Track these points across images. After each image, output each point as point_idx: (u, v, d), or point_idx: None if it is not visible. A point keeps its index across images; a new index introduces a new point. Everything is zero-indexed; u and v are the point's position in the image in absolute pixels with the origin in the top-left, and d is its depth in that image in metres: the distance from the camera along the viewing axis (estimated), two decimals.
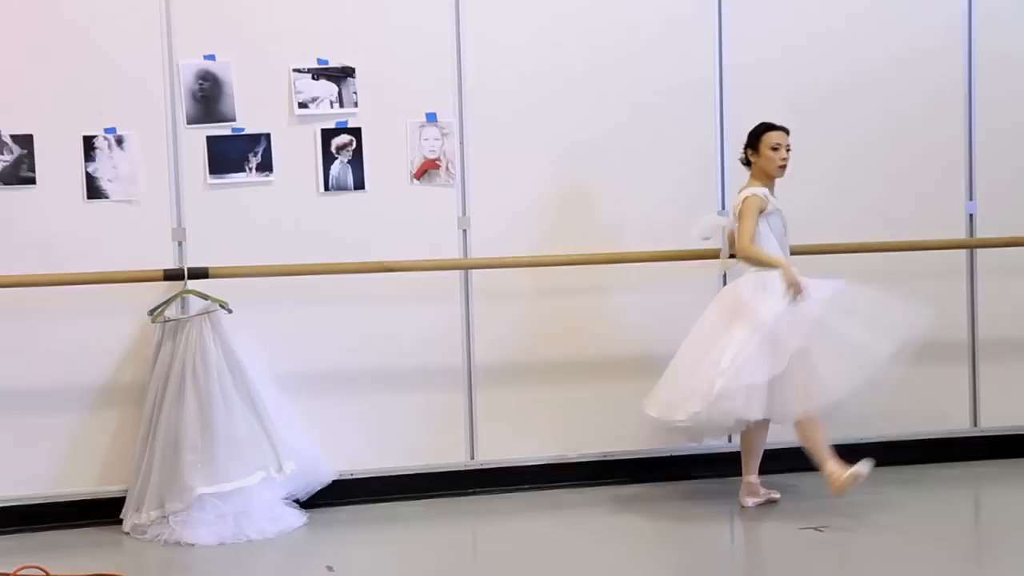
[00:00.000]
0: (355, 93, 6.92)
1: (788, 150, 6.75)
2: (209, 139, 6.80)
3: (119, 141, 6.73)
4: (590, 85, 7.17)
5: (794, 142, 6.80)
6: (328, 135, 6.92)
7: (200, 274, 6.68)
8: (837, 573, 6.01)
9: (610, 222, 7.19)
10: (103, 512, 6.71)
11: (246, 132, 6.84)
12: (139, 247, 6.72)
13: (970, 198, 7.55)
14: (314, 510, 6.78)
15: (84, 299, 6.65)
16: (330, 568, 5.99)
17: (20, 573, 5.83)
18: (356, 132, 6.93)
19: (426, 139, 7.01)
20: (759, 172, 6.77)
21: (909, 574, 5.83)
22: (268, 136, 6.85)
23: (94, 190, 6.72)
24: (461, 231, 7.07)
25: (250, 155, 6.85)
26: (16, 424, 6.67)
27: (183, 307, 6.76)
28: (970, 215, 7.56)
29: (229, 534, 6.43)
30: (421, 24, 6.99)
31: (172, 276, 6.69)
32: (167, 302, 6.69)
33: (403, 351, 7.02)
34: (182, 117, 6.78)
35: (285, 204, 6.88)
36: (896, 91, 7.44)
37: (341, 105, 6.92)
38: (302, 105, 6.89)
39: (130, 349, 6.74)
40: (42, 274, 6.57)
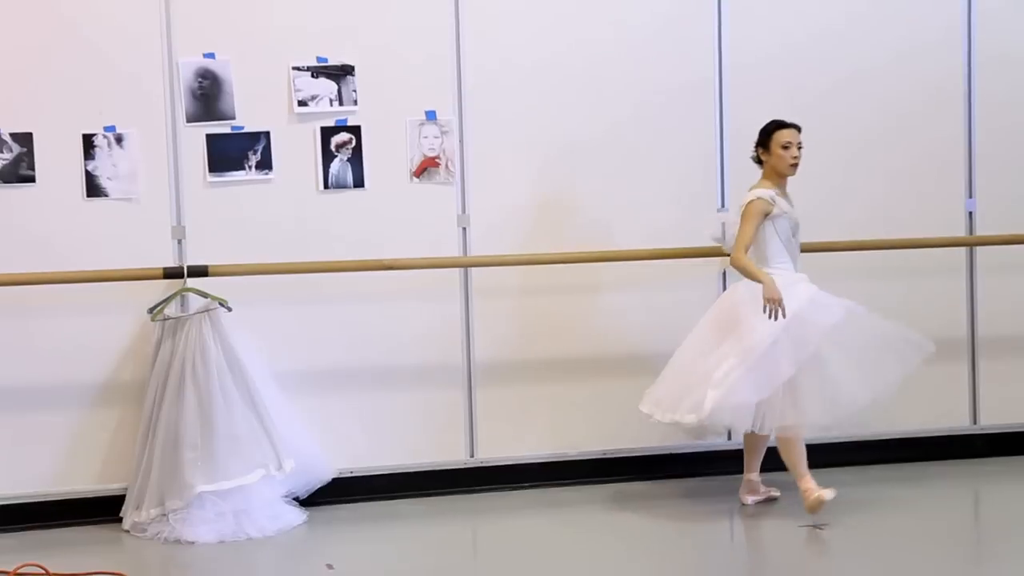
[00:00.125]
0: (354, 91, 6.92)
1: (800, 148, 6.64)
2: (209, 137, 6.80)
3: (119, 139, 6.73)
4: (590, 83, 7.17)
5: None
6: (328, 133, 6.92)
7: (200, 272, 6.69)
8: (837, 571, 6.01)
9: (610, 220, 7.18)
10: (103, 510, 6.71)
11: (246, 130, 6.84)
12: (139, 245, 6.72)
13: (970, 196, 7.55)
14: (314, 508, 6.78)
15: (84, 297, 6.65)
16: (330, 566, 5.99)
17: (20, 571, 5.83)
18: (356, 130, 6.93)
19: (425, 137, 7.01)
20: (770, 171, 6.67)
21: (909, 572, 5.83)
22: (268, 134, 6.85)
23: (94, 188, 6.72)
24: (461, 229, 7.07)
25: (250, 153, 6.85)
26: (16, 422, 6.67)
27: (183, 305, 6.76)
28: (970, 213, 7.55)
29: (229, 532, 6.44)
30: (421, 22, 6.99)
31: (172, 274, 6.70)
32: (167, 300, 6.69)
33: (403, 349, 7.02)
34: (182, 115, 6.78)
35: (285, 202, 6.88)
36: (896, 89, 7.43)
37: (341, 103, 6.92)
38: (302, 103, 6.89)
39: (130, 347, 6.74)
40: (42, 272, 6.57)
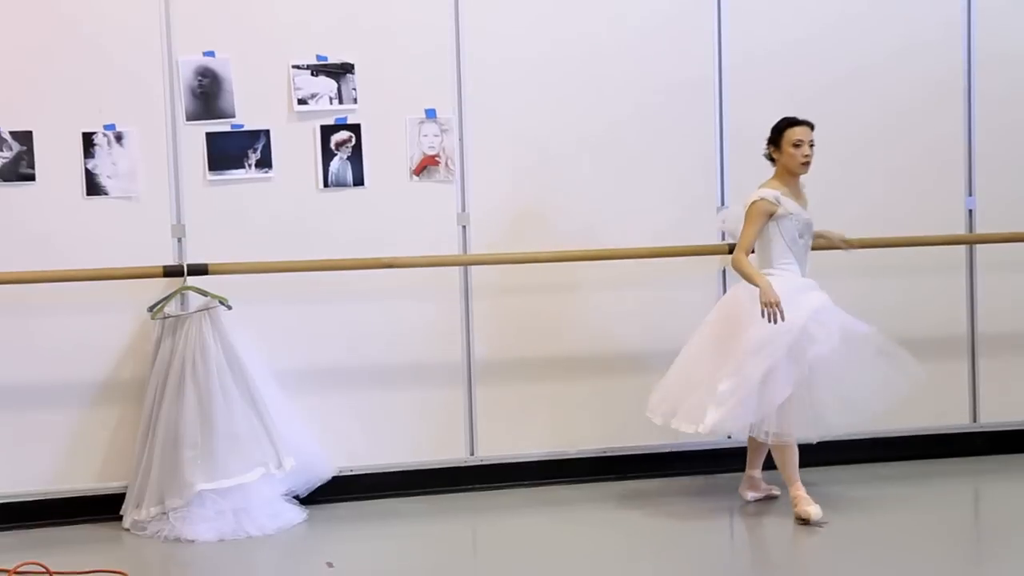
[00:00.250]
0: (354, 89, 6.92)
1: (812, 146, 6.58)
2: (208, 135, 6.80)
3: (118, 137, 6.73)
4: (589, 81, 7.16)
5: None
6: (327, 131, 6.91)
7: (199, 270, 6.68)
8: (837, 569, 6.00)
9: (610, 218, 7.18)
10: (103, 508, 6.71)
11: (245, 128, 6.83)
12: (138, 243, 6.72)
13: (969, 194, 7.54)
14: (314, 506, 6.78)
15: (84, 295, 6.65)
16: (330, 564, 5.99)
17: (20, 569, 5.83)
18: (355, 128, 6.93)
19: (425, 135, 7.00)
20: (782, 169, 6.62)
21: (909, 570, 5.83)
22: (267, 132, 6.85)
23: (93, 186, 6.72)
24: (460, 227, 7.06)
25: (249, 151, 6.85)
26: (16, 420, 6.67)
27: (183, 303, 6.76)
28: (969, 211, 7.55)
29: (229, 530, 6.44)
30: (420, 21, 6.99)
31: (171, 272, 6.69)
32: (167, 298, 6.69)
33: (402, 347, 7.02)
34: (181, 113, 6.78)
35: (284, 200, 6.88)
36: (896, 87, 7.43)
37: (340, 101, 6.92)
38: (301, 101, 6.89)
39: (130, 345, 6.74)
40: (42, 271, 6.57)
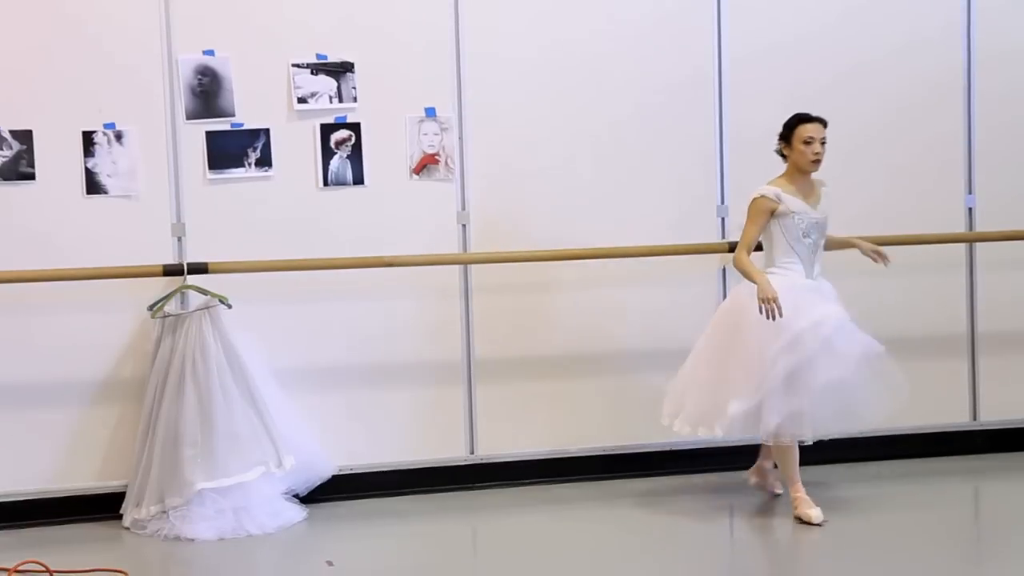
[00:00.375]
0: (354, 88, 6.92)
1: (823, 143, 6.54)
2: (208, 134, 6.80)
3: (118, 136, 6.72)
4: (589, 79, 7.16)
5: None
6: (327, 130, 6.91)
7: (199, 269, 6.68)
8: (837, 568, 6.00)
9: (610, 216, 7.18)
10: (103, 507, 6.71)
11: (245, 127, 6.83)
12: (138, 242, 6.72)
13: (969, 192, 7.54)
14: (314, 505, 6.78)
15: (83, 294, 6.65)
16: (330, 563, 5.99)
17: (21, 568, 5.83)
18: (355, 127, 6.93)
19: (425, 134, 7.00)
20: (792, 166, 6.59)
21: (909, 568, 5.83)
22: (267, 131, 6.85)
23: (93, 185, 6.72)
24: (460, 226, 7.06)
25: (249, 150, 6.84)
26: (16, 419, 6.67)
27: (182, 302, 6.76)
28: (969, 209, 7.55)
29: (229, 529, 6.44)
30: (420, 20, 6.99)
31: (171, 271, 6.69)
32: (166, 297, 6.69)
33: (402, 346, 7.02)
34: (181, 112, 6.78)
35: (284, 199, 6.88)
36: (896, 85, 7.43)
37: (340, 100, 6.92)
38: (301, 100, 6.89)
39: (130, 344, 6.74)
40: (41, 269, 6.57)
